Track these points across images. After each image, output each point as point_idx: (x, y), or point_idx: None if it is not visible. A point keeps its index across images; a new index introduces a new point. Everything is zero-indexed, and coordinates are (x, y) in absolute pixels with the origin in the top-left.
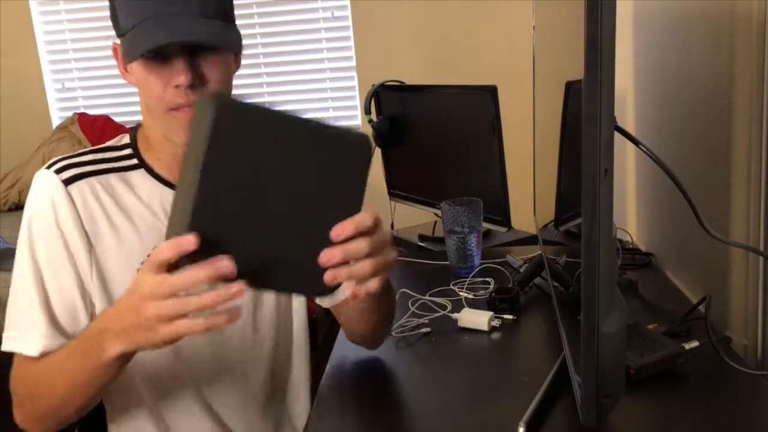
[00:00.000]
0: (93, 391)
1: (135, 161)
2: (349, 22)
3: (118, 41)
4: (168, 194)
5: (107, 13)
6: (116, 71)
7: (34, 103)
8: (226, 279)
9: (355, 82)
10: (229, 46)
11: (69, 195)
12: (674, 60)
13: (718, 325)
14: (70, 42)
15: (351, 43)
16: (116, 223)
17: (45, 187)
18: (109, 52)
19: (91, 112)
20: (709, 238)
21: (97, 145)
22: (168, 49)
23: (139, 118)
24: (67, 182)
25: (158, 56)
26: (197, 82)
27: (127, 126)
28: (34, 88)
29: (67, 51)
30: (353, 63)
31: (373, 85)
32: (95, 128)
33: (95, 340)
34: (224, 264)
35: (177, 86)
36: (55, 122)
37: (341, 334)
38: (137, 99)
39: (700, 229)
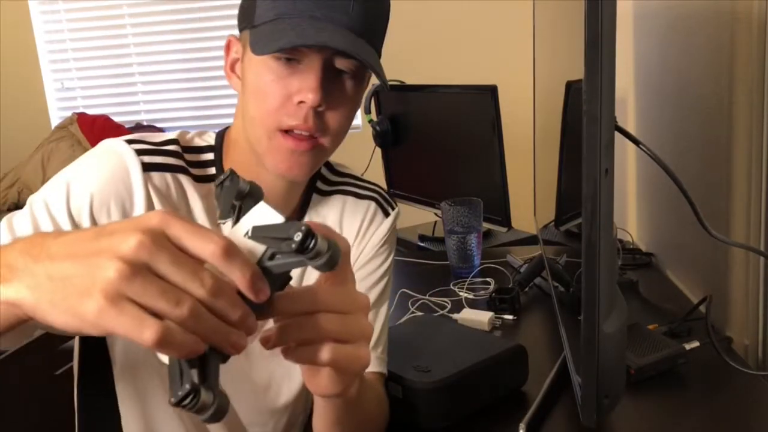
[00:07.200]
0: None
1: (213, 170)
2: None
3: (237, 35)
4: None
5: (107, 12)
6: (115, 71)
7: (34, 103)
8: None
9: None
10: (383, 79)
11: (145, 181)
12: (674, 60)
13: (719, 325)
14: (70, 42)
15: None
16: None
17: (118, 159)
18: (109, 52)
19: (90, 111)
20: (710, 238)
21: (96, 145)
22: (306, 56)
23: (138, 118)
24: (147, 167)
25: (291, 61)
26: (324, 106)
27: (126, 126)
28: (33, 88)
29: (66, 51)
30: None
31: (373, 85)
32: (94, 128)
33: None
34: None
35: (300, 103)
36: (55, 122)
37: None
38: (137, 99)
39: (700, 229)
